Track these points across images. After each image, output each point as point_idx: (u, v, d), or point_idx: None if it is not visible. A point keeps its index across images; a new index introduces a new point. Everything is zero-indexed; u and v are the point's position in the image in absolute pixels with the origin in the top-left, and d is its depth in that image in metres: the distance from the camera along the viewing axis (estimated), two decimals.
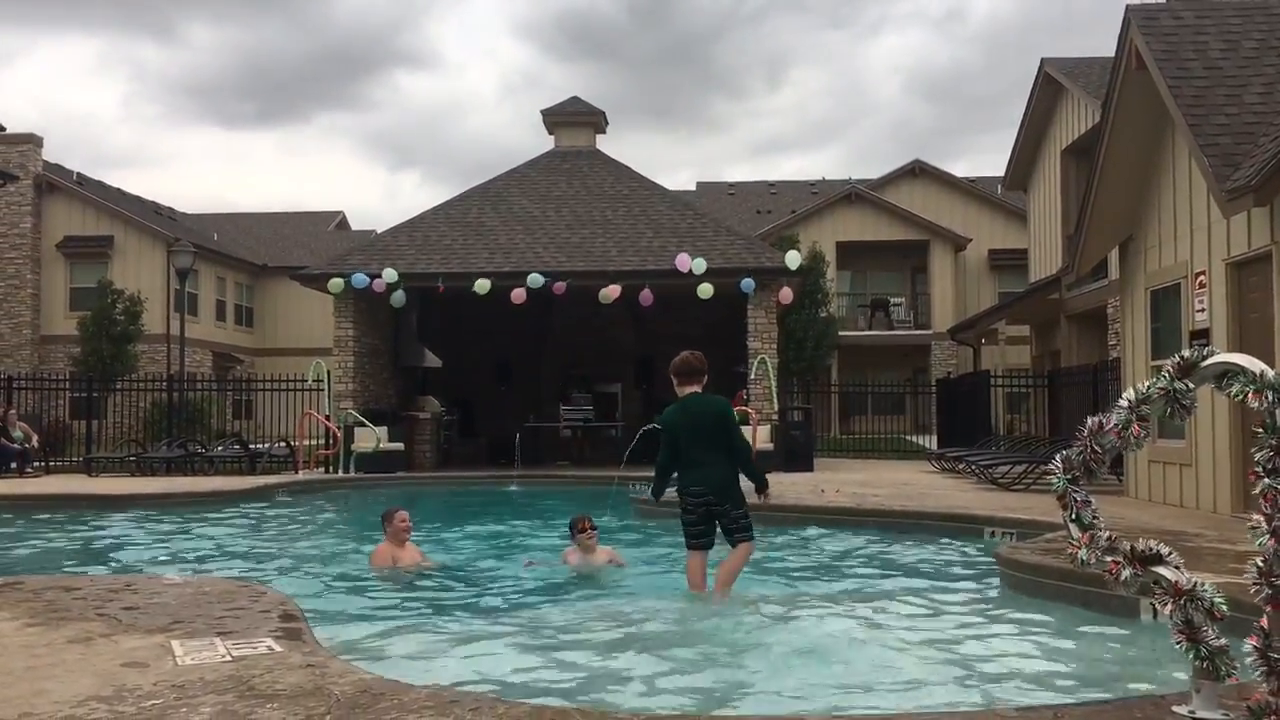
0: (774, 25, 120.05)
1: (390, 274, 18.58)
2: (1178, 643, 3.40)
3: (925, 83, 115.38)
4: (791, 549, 9.75)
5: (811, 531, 10.75)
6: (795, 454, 18.44)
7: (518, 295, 18.21)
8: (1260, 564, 3.08)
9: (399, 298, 18.83)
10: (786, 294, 18.52)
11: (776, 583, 8.04)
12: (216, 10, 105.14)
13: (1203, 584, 3.39)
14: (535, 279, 18.22)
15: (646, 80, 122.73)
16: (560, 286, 18.57)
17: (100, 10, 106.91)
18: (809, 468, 18.33)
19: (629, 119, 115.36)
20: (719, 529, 6.92)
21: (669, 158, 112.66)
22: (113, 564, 9.44)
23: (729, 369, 21.94)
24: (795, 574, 8.57)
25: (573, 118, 23.41)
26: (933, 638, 5.99)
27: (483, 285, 18.25)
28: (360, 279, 18.56)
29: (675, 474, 7.00)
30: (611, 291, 18.18)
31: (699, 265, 18.10)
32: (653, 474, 7.10)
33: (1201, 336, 10.41)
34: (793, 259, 18.97)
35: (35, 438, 19.36)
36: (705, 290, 18.19)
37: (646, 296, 18.35)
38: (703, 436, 6.81)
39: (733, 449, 6.89)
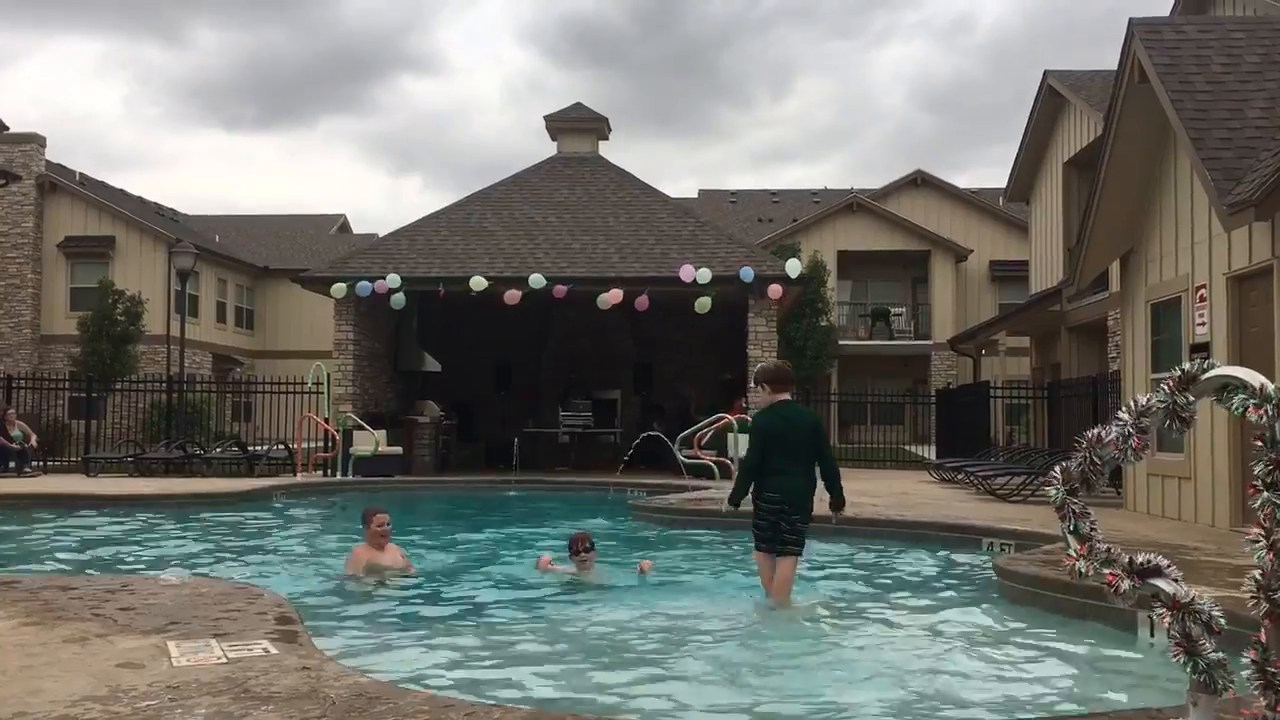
0: (780, 34, 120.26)
1: (393, 279, 18.61)
2: (1175, 656, 3.39)
3: (929, 93, 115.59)
4: None
5: (808, 541, 10.70)
6: None
7: (511, 296, 18.20)
8: (1258, 578, 3.08)
9: (399, 299, 18.86)
10: (775, 290, 18.43)
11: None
12: (221, 13, 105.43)
13: (1201, 597, 3.38)
14: (537, 279, 18.23)
15: (650, 87, 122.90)
16: (561, 290, 18.58)
17: (104, 12, 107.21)
18: None
19: (632, 126, 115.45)
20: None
21: (671, 165, 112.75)
22: (109, 564, 9.43)
23: (719, 377, 22.04)
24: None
25: (576, 124, 23.44)
26: (929, 649, 5.99)
27: (478, 282, 18.24)
28: (364, 287, 18.59)
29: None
30: (612, 296, 18.17)
31: (704, 275, 18.10)
32: (651, 479, 7.10)
33: (1202, 350, 10.41)
34: (793, 267, 19.01)
35: (34, 437, 19.35)
36: (703, 304, 18.21)
37: (642, 302, 18.35)
38: (796, 446, 6.84)
39: (822, 461, 6.96)
